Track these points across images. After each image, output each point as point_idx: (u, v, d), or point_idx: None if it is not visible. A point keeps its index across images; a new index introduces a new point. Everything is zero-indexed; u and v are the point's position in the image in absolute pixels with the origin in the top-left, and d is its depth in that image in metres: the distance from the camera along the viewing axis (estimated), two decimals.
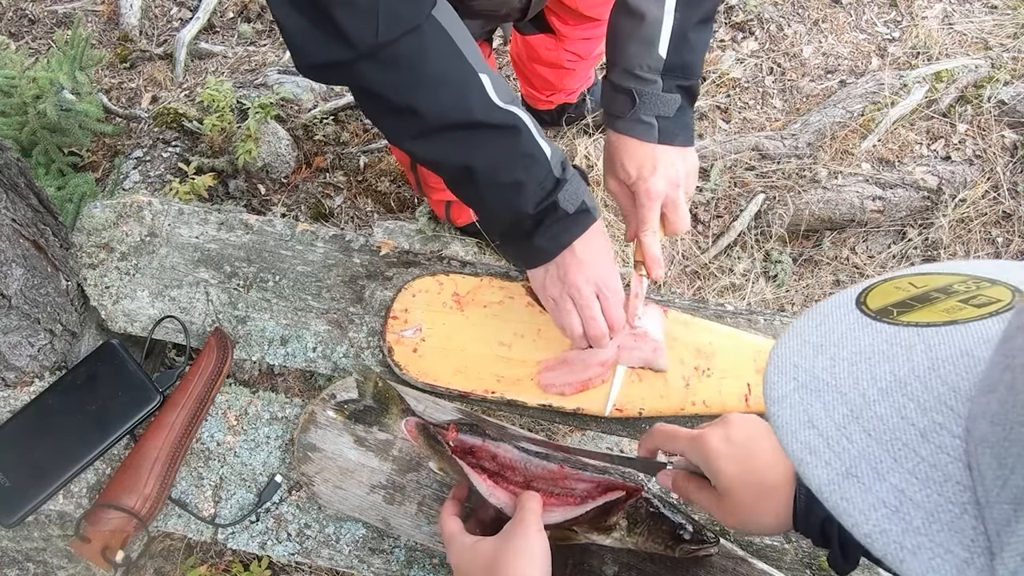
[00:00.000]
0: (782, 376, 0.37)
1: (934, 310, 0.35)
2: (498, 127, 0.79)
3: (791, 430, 0.35)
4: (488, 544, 0.74)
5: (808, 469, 0.33)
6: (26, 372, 1.01)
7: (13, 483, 0.94)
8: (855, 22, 2.18)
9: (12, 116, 1.64)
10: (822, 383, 0.36)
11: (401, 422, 0.92)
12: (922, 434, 0.31)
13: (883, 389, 0.33)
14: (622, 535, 0.82)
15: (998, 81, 1.98)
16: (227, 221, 1.13)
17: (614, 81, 0.91)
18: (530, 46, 1.63)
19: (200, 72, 2.10)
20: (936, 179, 1.85)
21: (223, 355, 1.01)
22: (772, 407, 0.37)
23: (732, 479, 0.66)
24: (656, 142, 0.89)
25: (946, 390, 0.31)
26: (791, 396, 0.36)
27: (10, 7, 2.24)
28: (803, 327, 0.40)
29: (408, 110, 0.77)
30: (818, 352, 0.37)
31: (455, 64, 0.77)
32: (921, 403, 0.32)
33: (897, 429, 0.32)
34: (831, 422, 0.34)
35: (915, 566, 0.29)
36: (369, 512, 0.92)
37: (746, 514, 0.66)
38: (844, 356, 0.36)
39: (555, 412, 0.99)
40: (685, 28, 0.87)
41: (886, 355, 0.34)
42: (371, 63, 0.74)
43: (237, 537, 0.94)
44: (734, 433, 0.69)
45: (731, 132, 2.02)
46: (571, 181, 0.84)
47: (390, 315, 1.03)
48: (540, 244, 0.85)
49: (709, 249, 1.84)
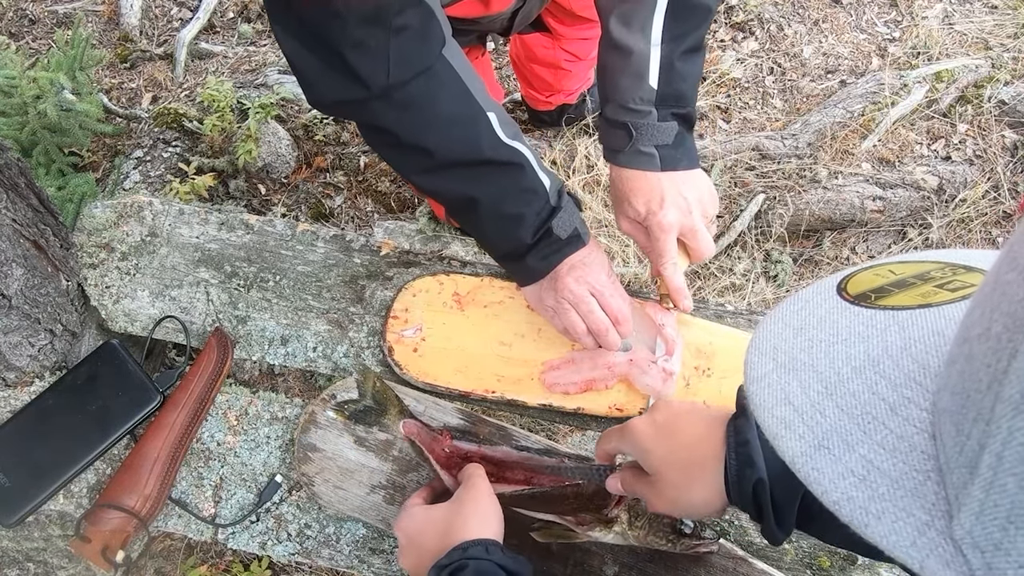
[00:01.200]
0: (762, 357, 0.39)
1: (910, 295, 0.37)
2: (504, 164, 0.82)
3: (768, 407, 0.37)
4: (439, 510, 0.76)
5: (783, 442, 0.35)
6: (26, 372, 1.01)
7: (13, 483, 0.94)
8: (855, 22, 2.18)
9: (12, 116, 1.64)
10: (799, 363, 0.37)
11: (399, 424, 0.92)
12: (891, 408, 0.33)
13: (856, 368, 0.35)
14: (623, 529, 0.82)
15: (998, 81, 1.98)
16: (227, 221, 1.13)
17: (609, 117, 0.91)
18: (528, 46, 1.63)
19: (200, 72, 2.10)
20: (936, 179, 1.85)
21: (223, 355, 1.01)
22: (751, 386, 0.39)
23: (660, 460, 0.67)
24: (660, 170, 0.89)
25: (916, 367, 0.33)
26: (770, 376, 0.38)
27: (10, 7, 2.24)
28: (785, 311, 0.41)
29: (418, 148, 0.79)
30: (797, 334, 0.39)
31: (465, 104, 0.79)
32: (892, 380, 0.33)
33: (868, 404, 0.33)
34: (806, 399, 0.35)
35: (879, 529, 0.30)
36: (369, 512, 0.92)
37: (678, 493, 0.67)
38: (822, 338, 0.37)
39: (555, 412, 0.99)
40: (672, 59, 0.88)
41: (861, 336, 0.36)
42: (383, 103, 0.75)
43: (237, 537, 0.94)
44: (659, 416, 0.70)
45: (731, 132, 2.02)
46: (565, 209, 0.87)
47: (390, 315, 1.03)
48: (532, 265, 0.89)
49: None
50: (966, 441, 0.27)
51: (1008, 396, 0.24)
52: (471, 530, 0.71)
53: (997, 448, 0.25)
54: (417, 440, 0.89)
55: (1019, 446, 0.24)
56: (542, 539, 0.85)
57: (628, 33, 0.87)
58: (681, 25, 0.87)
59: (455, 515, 0.74)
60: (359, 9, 0.68)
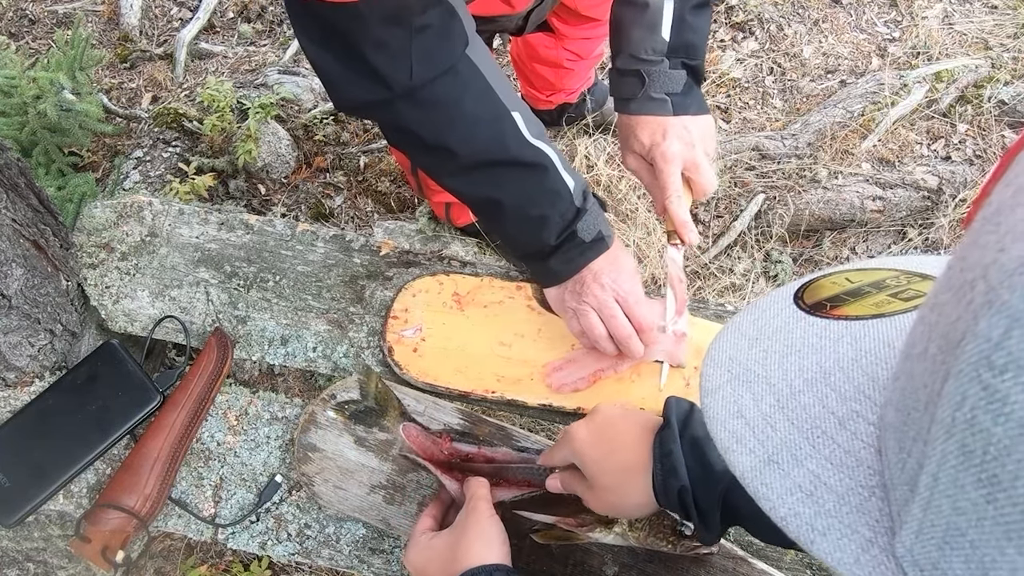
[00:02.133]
0: (717, 368, 0.39)
1: (864, 304, 0.37)
2: (529, 165, 0.82)
3: (720, 420, 0.37)
4: (443, 538, 0.76)
5: (734, 456, 0.35)
6: (26, 372, 1.01)
7: (13, 483, 0.94)
8: (855, 22, 2.18)
9: (12, 116, 1.63)
10: (753, 375, 0.37)
11: (399, 427, 0.92)
12: (840, 422, 0.33)
13: (808, 380, 0.35)
14: (623, 530, 0.82)
15: (998, 81, 1.98)
16: (227, 221, 1.13)
17: (621, 67, 0.93)
18: (530, 45, 1.63)
19: (200, 72, 2.10)
20: (936, 179, 1.85)
21: (223, 355, 1.01)
22: (705, 398, 0.39)
23: (595, 465, 0.70)
24: (672, 115, 0.91)
25: (866, 380, 0.33)
26: (724, 388, 0.38)
27: (10, 7, 2.24)
28: (741, 321, 0.41)
29: (442, 149, 0.79)
30: (752, 345, 0.39)
31: (489, 103, 0.79)
32: (842, 393, 0.33)
33: (818, 418, 0.33)
34: (758, 412, 0.35)
35: (824, 546, 0.30)
36: (369, 512, 0.92)
37: (614, 496, 0.70)
38: (776, 349, 0.37)
39: (555, 412, 0.99)
40: (683, 12, 0.90)
41: (815, 348, 0.36)
42: (407, 103, 0.75)
43: (237, 537, 0.94)
44: (594, 422, 0.73)
45: (731, 132, 2.02)
46: (590, 211, 0.87)
47: (390, 315, 1.03)
48: (555, 267, 0.88)
49: (709, 249, 1.84)
50: (907, 459, 0.27)
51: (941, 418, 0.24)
52: (475, 556, 0.71)
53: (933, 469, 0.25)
54: (416, 444, 0.89)
55: (951, 469, 0.24)
56: (543, 541, 0.85)
57: None
58: None
59: (458, 542, 0.74)
60: (380, 9, 0.68)
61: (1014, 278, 0.21)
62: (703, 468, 0.65)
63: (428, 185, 1.49)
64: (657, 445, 0.67)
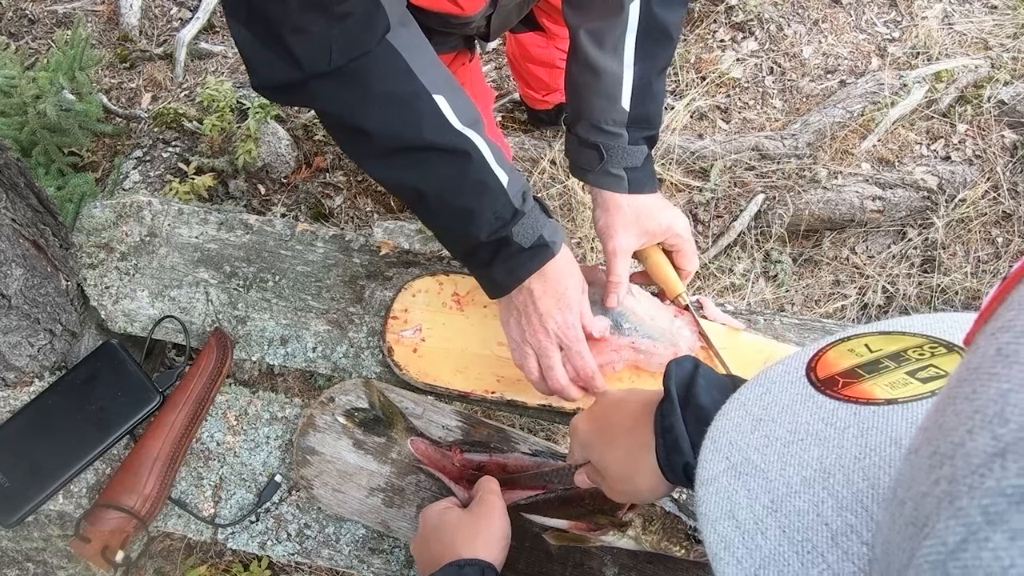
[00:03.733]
0: (716, 454, 0.37)
1: (879, 383, 0.35)
2: (448, 151, 0.78)
3: (712, 519, 0.35)
4: (454, 515, 0.77)
5: (720, 564, 0.34)
6: (26, 372, 1.01)
7: (13, 483, 0.94)
8: (855, 22, 2.18)
9: (12, 116, 1.63)
10: (752, 466, 0.35)
11: (407, 441, 0.93)
12: (832, 537, 0.31)
13: (807, 479, 0.33)
14: (637, 534, 0.83)
15: (998, 81, 1.98)
16: (227, 221, 1.13)
17: (580, 135, 0.91)
18: (523, 45, 1.63)
19: (200, 72, 2.10)
20: (936, 179, 1.85)
21: (223, 355, 1.01)
22: (700, 490, 0.37)
23: (601, 455, 0.68)
24: (627, 192, 0.90)
25: (866, 486, 0.31)
26: (720, 479, 0.36)
27: (10, 7, 2.24)
28: (749, 395, 0.40)
29: (359, 131, 0.77)
30: (756, 427, 0.37)
31: (404, 84, 0.76)
32: (839, 499, 0.32)
33: (810, 529, 0.32)
34: (751, 514, 0.34)
35: None
36: (368, 515, 0.92)
37: (625, 484, 0.67)
38: (779, 435, 0.36)
39: (555, 412, 0.99)
40: (647, 80, 0.88)
41: (819, 438, 0.34)
42: (321, 84, 0.75)
43: (237, 537, 0.94)
44: (595, 410, 0.71)
45: (731, 132, 2.02)
46: (528, 214, 0.81)
47: (390, 315, 1.03)
48: (496, 277, 0.84)
49: (709, 249, 1.84)
50: None
51: None
52: (474, 548, 0.72)
53: None
54: (425, 458, 0.90)
55: None
56: (556, 543, 0.86)
57: (601, 53, 0.87)
58: (652, 47, 0.88)
59: (464, 528, 0.75)
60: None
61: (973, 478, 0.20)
62: None
63: None
64: (658, 420, 0.64)
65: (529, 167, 1.91)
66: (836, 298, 1.83)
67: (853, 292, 1.82)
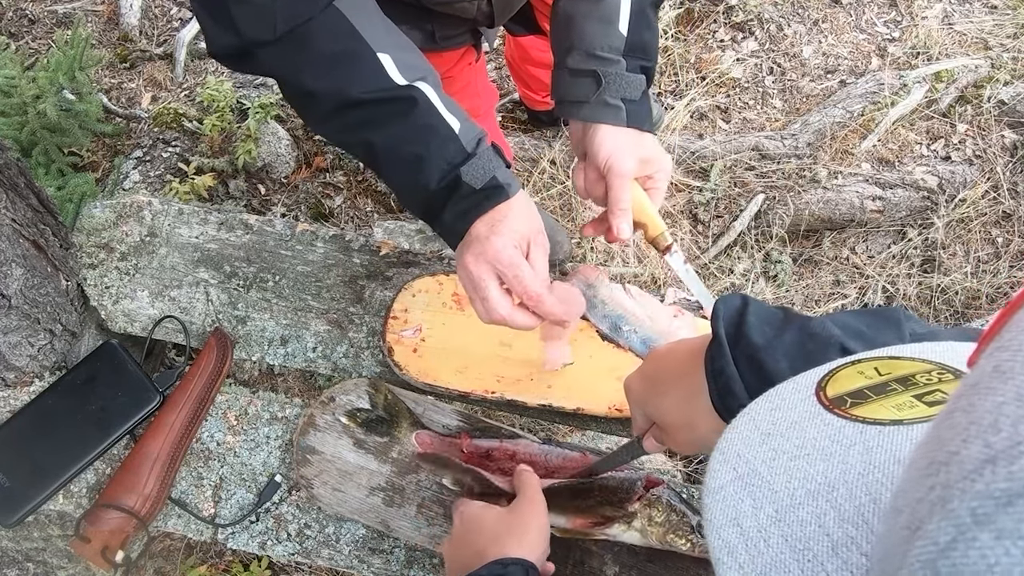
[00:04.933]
0: (725, 464, 0.39)
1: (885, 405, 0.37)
2: (393, 100, 0.77)
3: (717, 526, 0.36)
4: (496, 513, 0.76)
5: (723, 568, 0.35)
6: (26, 372, 1.01)
7: (13, 483, 0.94)
8: (855, 22, 2.18)
9: (12, 116, 1.63)
10: (759, 477, 0.37)
11: (411, 435, 0.93)
12: (833, 547, 0.32)
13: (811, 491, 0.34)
14: (643, 525, 0.83)
15: (998, 81, 1.98)
16: (227, 221, 1.13)
17: (573, 66, 0.87)
18: (522, 47, 1.63)
19: (200, 72, 2.10)
20: (936, 179, 1.85)
21: (223, 355, 1.01)
22: (707, 498, 0.38)
23: (657, 408, 0.67)
24: (625, 125, 0.85)
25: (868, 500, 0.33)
26: (727, 488, 0.38)
27: (10, 7, 2.24)
28: (759, 410, 0.41)
29: (306, 93, 0.77)
30: (764, 441, 0.38)
31: (347, 44, 0.76)
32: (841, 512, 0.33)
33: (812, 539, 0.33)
34: (755, 522, 0.35)
35: None
36: (368, 515, 0.92)
37: (687, 433, 0.66)
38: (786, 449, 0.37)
39: (555, 412, 0.99)
40: (642, 7, 0.85)
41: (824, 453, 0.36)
42: (266, 51, 0.76)
43: (237, 537, 0.94)
44: (645, 366, 0.70)
45: (731, 132, 2.02)
46: (480, 156, 0.78)
47: (390, 315, 1.03)
48: (447, 222, 0.79)
49: (709, 249, 1.84)
50: None
51: None
52: (519, 547, 0.71)
53: None
54: (430, 451, 0.90)
55: None
56: (561, 534, 0.86)
57: None
58: None
59: (509, 526, 0.74)
60: None
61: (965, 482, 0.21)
62: (761, 381, 0.58)
63: None
64: (707, 363, 0.62)
65: (529, 167, 1.91)
66: (836, 298, 1.83)
67: (853, 292, 1.82)
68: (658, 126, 1.92)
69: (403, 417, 0.94)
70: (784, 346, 0.58)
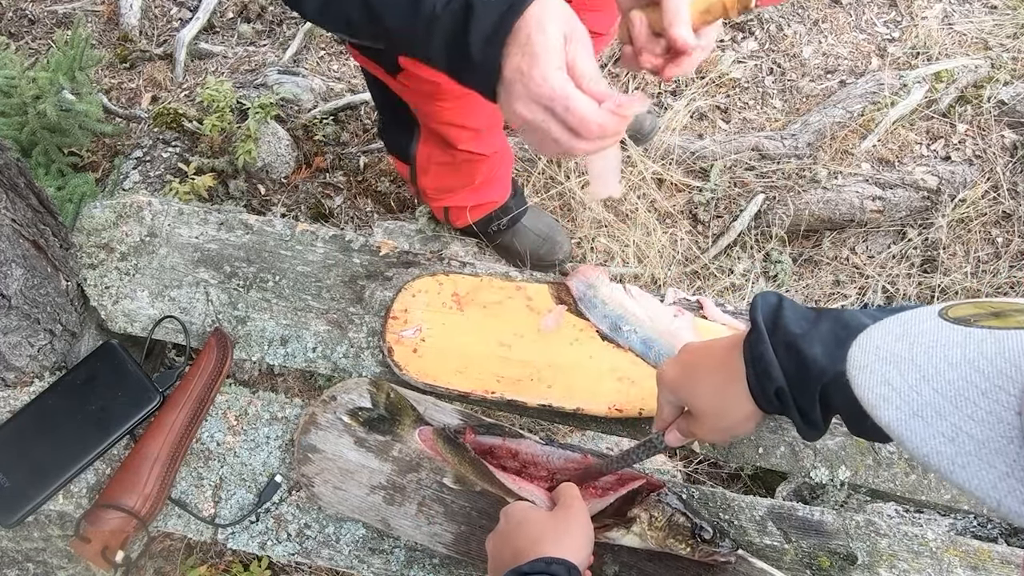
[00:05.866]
0: (864, 353, 0.46)
1: (1007, 321, 0.43)
2: None
3: (868, 386, 0.44)
4: (541, 514, 0.78)
5: (879, 412, 0.42)
6: (26, 372, 1.01)
7: (13, 483, 0.94)
8: (855, 22, 2.18)
9: (12, 116, 1.63)
10: (900, 358, 0.44)
11: (415, 432, 0.93)
12: (983, 392, 0.39)
13: (953, 364, 0.41)
14: (643, 529, 0.83)
15: (998, 81, 1.98)
16: (227, 221, 1.13)
17: None
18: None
19: (200, 72, 2.10)
20: (936, 179, 1.85)
21: (223, 355, 1.01)
22: (852, 371, 0.46)
23: (692, 393, 0.71)
24: None
25: (1008, 366, 0.39)
26: (872, 365, 0.45)
27: (10, 7, 2.24)
28: (886, 324, 0.48)
29: None
30: (899, 340, 0.46)
31: None
32: (985, 374, 0.40)
33: (962, 389, 0.40)
34: (904, 382, 0.42)
35: (963, 476, 0.38)
36: (369, 513, 0.92)
37: (719, 418, 0.70)
38: (922, 343, 0.44)
39: (555, 412, 0.99)
40: None
41: (960, 344, 0.43)
42: None
43: (237, 537, 0.94)
44: (680, 356, 0.75)
45: (731, 132, 2.02)
46: None
47: (390, 315, 1.03)
48: (477, 58, 0.69)
49: (709, 249, 1.84)
50: None
51: None
52: (563, 547, 0.73)
53: None
54: (432, 448, 0.90)
55: None
56: None
57: None
58: None
59: (552, 528, 0.76)
60: None
61: None
62: (798, 367, 0.64)
63: (426, 193, 1.49)
64: (747, 350, 0.67)
65: (529, 167, 1.91)
66: (836, 298, 1.83)
67: (853, 292, 1.82)
68: (653, 135, 1.91)
69: (406, 414, 0.94)
70: (819, 334, 0.64)
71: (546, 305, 1.03)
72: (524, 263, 1.68)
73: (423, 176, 1.43)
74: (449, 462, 0.92)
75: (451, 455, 0.91)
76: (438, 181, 1.45)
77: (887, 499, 1.01)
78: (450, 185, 1.47)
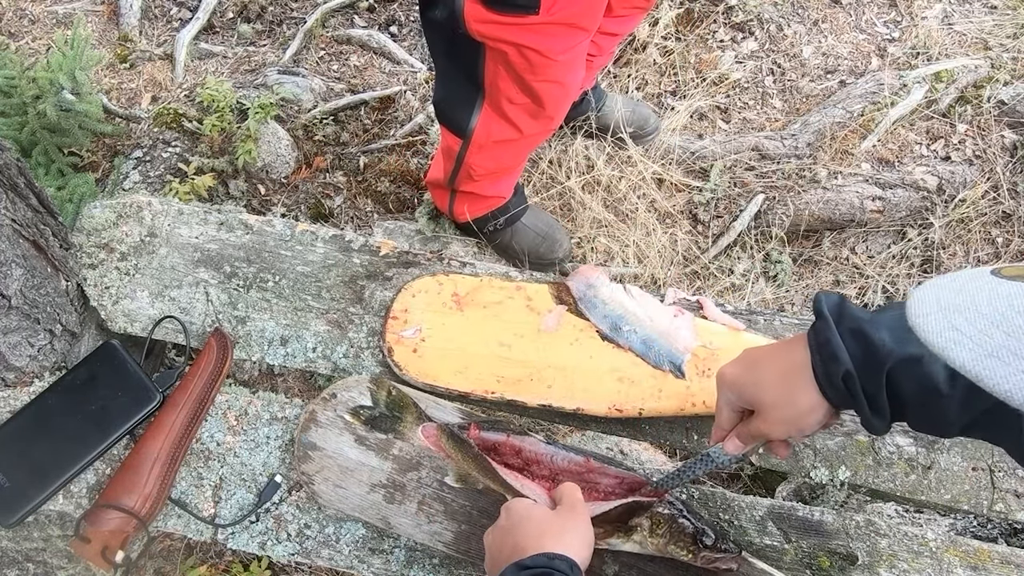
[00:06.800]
0: (923, 305, 0.48)
1: None
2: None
3: (936, 331, 0.46)
4: (543, 511, 0.78)
5: (952, 353, 0.44)
6: (26, 372, 1.01)
7: (13, 483, 0.94)
8: (855, 22, 2.18)
9: (12, 116, 1.63)
10: (962, 307, 0.45)
11: (418, 429, 0.93)
12: None
13: (1020, 310, 0.43)
14: (644, 536, 0.83)
15: (998, 81, 1.98)
16: (227, 221, 1.13)
17: None
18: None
19: (200, 72, 2.10)
20: (936, 179, 1.85)
21: (223, 355, 1.01)
22: (916, 319, 0.47)
23: (756, 387, 0.72)
24: None
25: None
26: (935, 314, 0.47)
27: (10, 7, 2.24)
28: (940, 281, 0.49)
29: None
30: (957, 294, 0.47)
31: None
32: None
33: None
34: (973, 327, 0.44)
35: None
36: (369, 511, 0.92)
37: (784, 409, 0.70)
38: (983, 295, 0.46)
39: (555, 412, 0.99)
40: None
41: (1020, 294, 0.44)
42: None
43: (237, 537, 0.94)
44: (743, 356, 0.76)
45: (731, 132, 2.02)
46: None
47: (390, 315, 1.03)
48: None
49: (709, 249, 1.84)
50: None
51: None
52: (565, 544, 0.73)
53: None
54: (434, 444, 0.90)
55: None
56: None
57: None
58: None
59: (554, 525, 0.76)
60: None
61: None
62: (864, 351, 0.65)
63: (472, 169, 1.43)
64: (812, 337, 0.68)
65: (529, 167, 1.91)
66: None
67: (853, 292, 1.82)
68: (655, 135, 1.91)
69: (409, 411, 0.94)
70: (885, 320, 0.66)
71: (546, 305, 1.03)
72: (523, 263, 1.68)
73: (476, 152, 1.38)
74: (452, 458, 0.92)
75: (455, 451, 0.91)
76: (492, 160, 1.41)
77: (887, 499, 1.01)
78: (503, 165, 1.44)
